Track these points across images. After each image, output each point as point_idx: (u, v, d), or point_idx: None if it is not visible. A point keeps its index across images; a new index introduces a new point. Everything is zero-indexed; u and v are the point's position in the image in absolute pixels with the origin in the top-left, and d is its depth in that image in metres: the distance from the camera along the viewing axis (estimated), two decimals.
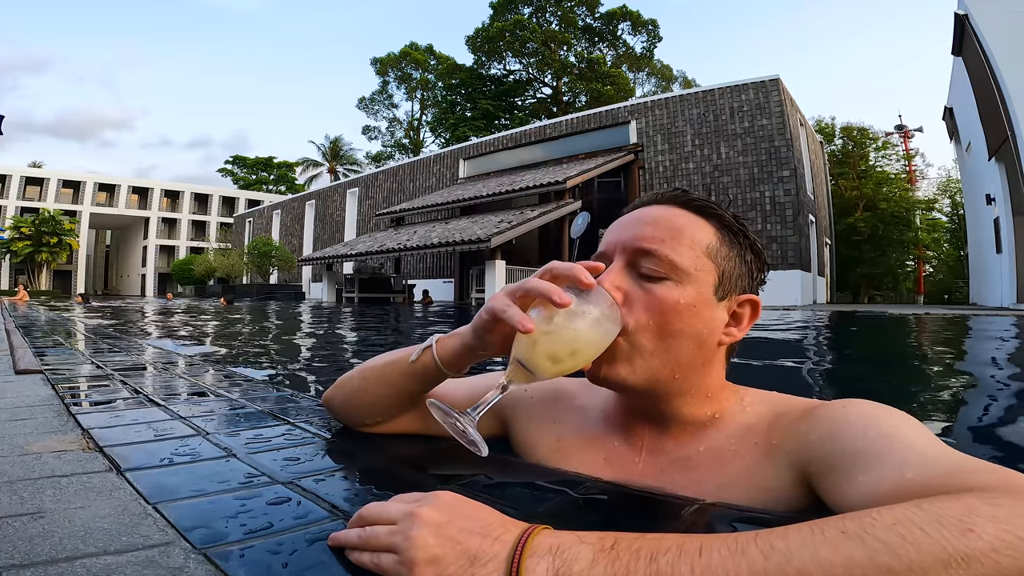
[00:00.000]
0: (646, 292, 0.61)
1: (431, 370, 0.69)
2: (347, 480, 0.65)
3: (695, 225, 0.64)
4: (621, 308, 0.60)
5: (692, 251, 0.62)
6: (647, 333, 0.61)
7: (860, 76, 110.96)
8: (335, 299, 17.95)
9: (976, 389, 2.27)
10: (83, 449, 0.74)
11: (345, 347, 4.25)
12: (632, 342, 0.61)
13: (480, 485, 0.63)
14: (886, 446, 0.49)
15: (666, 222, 0.64)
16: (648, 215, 0.65)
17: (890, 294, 31.02)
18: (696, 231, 0.64)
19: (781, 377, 2.55)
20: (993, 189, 13.02)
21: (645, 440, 0.68)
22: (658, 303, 0.60)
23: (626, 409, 0.70)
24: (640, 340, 0.61)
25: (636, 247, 0.63)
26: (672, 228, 0.63)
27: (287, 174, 51.00)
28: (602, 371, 0.62)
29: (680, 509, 0.55)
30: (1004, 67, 10.05)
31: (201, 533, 0.48)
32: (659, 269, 0.61)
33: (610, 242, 0.66)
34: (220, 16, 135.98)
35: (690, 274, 0.62)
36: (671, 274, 0.61)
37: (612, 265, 0.64)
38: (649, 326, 0.61)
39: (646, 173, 16.18)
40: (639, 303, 0.61)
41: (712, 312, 0.63)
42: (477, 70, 34.99)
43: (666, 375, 0.62)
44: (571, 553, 0.39)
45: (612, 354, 0.60)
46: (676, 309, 0.61)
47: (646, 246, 0.62)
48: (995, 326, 5.68)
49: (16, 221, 35.36)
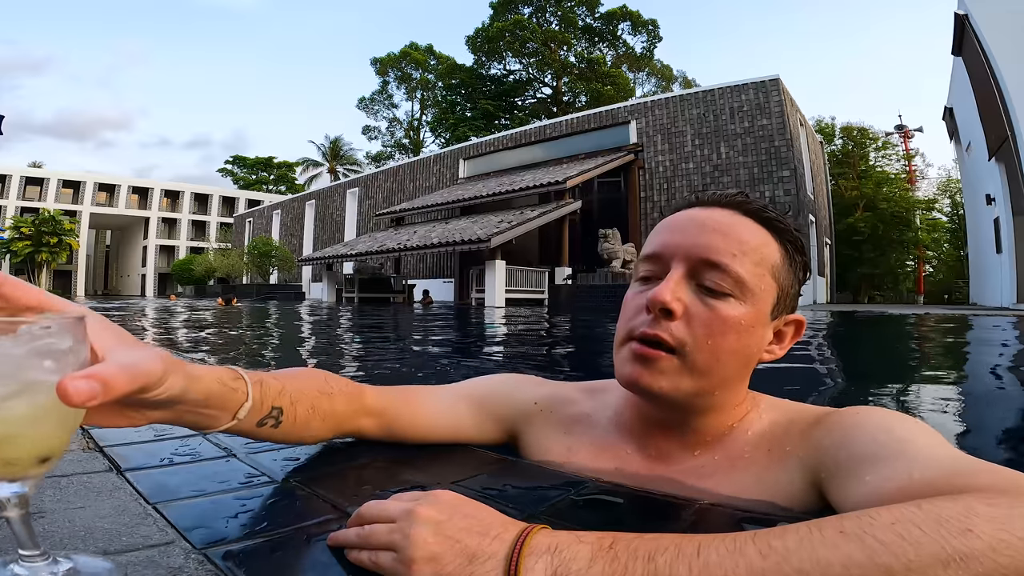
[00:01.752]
0: (708, 308, 0.58)
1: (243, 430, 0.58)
2: (347, 480, 0.65)
3: (763, 240, 0.61)
4: (678, 320, 0.57)
5: (759, 268, 0.59)
6: (703, 353, 0.58)
7: (860, 76, 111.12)
8: (335, 299, 17.95)
9: (982, 389, 2.27)
10: (83, 449, 0.74)
11: (344, 348, 4.25)
12: (685, 359, 0.58)
13: (480, 485, 0.63)
14: (897, 449, 0.49)
15: (736, 234, 0.59)
16: (713, 221, 0.60)
17: (890, 294, 31.03)
18: (764, 247, 0.60)
19: (784, 376, 2.55)
20: (993, 189, 13.02)
21: (660, 449, 0.66)
22: (721, 322, 0.57)
23: (643, 418, 0.67)
24: (695, 358, 0.58)
25: (703, 257, 0.58)
26: (742, 241, 0.59)
27: (287, 174, 51.01)
28: (643, 380, 0.59)
29: (681, 509, 0.55)
30: (1004, 67, 10.05)
31: (201, 533, 0.48)
32: (724, 285, 0.58)
33: (669, 244, 0.61)
34: (219, 16, 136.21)
35: (755, 293, 0.59)
36: (735, 291, 0.58)
37: (671, 273, 0.59)
38: (707, 346, 0.58)
39: (646, 173, 16.19)
40: (699, 320, 0.58)
41: (764, 331, 0.61)
42: (477, 70, 35.03)
43: (708, 391, 0.60)
44: (569, 552, 0.39)
45: (655, 364, 0.58)
46: (737, 329, 0.58)
47: (715, 258, 0.58)
48: (995, 331, 5.68)
49: (16, 221, 35.35)
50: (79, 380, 0.34)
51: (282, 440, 0.63)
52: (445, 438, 0.76)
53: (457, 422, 0.76)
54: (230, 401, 0.53)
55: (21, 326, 0.35)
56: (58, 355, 0.36)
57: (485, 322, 7.12)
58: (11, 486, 0.36)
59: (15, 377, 0.35)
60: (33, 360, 0.36)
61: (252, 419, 0.56)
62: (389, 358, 3.45)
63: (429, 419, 0.75)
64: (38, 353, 0.36)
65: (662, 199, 15.82)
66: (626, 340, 0.61)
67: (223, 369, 0.54)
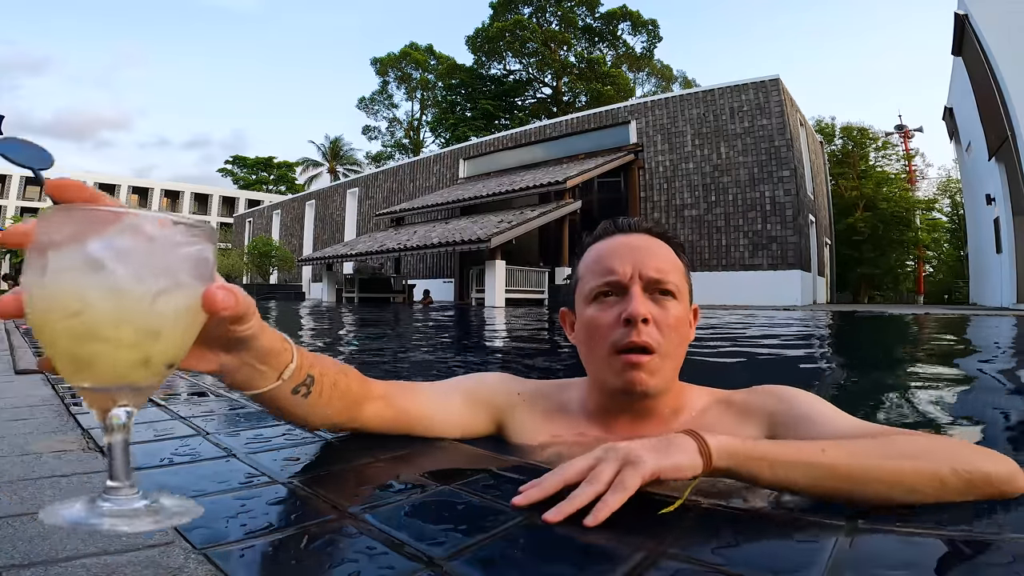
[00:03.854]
0: (664, 311, 0.75)
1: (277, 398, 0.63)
2: (347, 480, 0.65)
3: (674, 254, 0.81)
4: (650, 326, 0.74)
5: (680, 275, 0.79)
6: (670, 345, 0.75)
7: (860, 76, 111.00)
8: (335, 299, 17.94)
9: (978, 385, 2.28)
10: (83, 449, 0.74)
11: (341, 349, 4.25)
12: (661, 354, 0.74)
13: (480, 485, 0.63)
14: (820, 409, 0.74)
15: (663, 253, 0.79)
16: (646, 246, 0.79)
17: (890, 294, 31.03)
18: (677, 260, 0.81)
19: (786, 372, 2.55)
20: (993, 189, 13.02)
21: (627, 432, 0.79)
22: (674, 320, 0.76)
23: (606, 406, 0.81)
24: (666, 351, 0.74)
25: (653, 277, 0.76)
26: (668, 259, 0.79)
27: (287, 174, 50.97)
28: (642, 383, 0.73)
29: (686, 509, 0.55)
30: (1004, 67, 10.06)
31: (201, 533, 0.48)
32: (670, 293, 0.76)
33: (622, 269, 0.76)
34: (219, 16, 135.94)
35: (683, 293, 0.79)
36: (675, 294, 0.77)
37: (633, 291, 0.75)
38: (672, 339, 0.75)
39: (646, 173, 16.18)
40: (662, 321, 0.74)
41: (689, 318, 0.81)
42: (477, 70, 35.00)
43: (672, 375, 0.77)
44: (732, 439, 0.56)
45: (645, 366, 0.73)
46: (681, 321, 0.77)
47: (659, 276, 0.76)
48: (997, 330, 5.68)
49: (16, 221, 35.36)
50: (221, 290, 0.38)
51: (303, 416, 0.66)
52: (440, 426, 0.82)
53: (451, 412, 0.83)
54: (280, 360, 0.59)
55: (180, 224, 0.36)
56: (204, 264, 0.38)
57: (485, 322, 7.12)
58: (123, 409, 0.38)
59: (173, 276, 0.36)
60: (186, 264, 0.36)
61: (290, 384, 0.61)
62: (387, 359, 3.45)
63: (427, 407, 0.81)
64: (190, 258, 0.37)
65: (662, 199, 15.82)
66: (613, 353, 0.75)
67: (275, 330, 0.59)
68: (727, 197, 14.77)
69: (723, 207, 14.80)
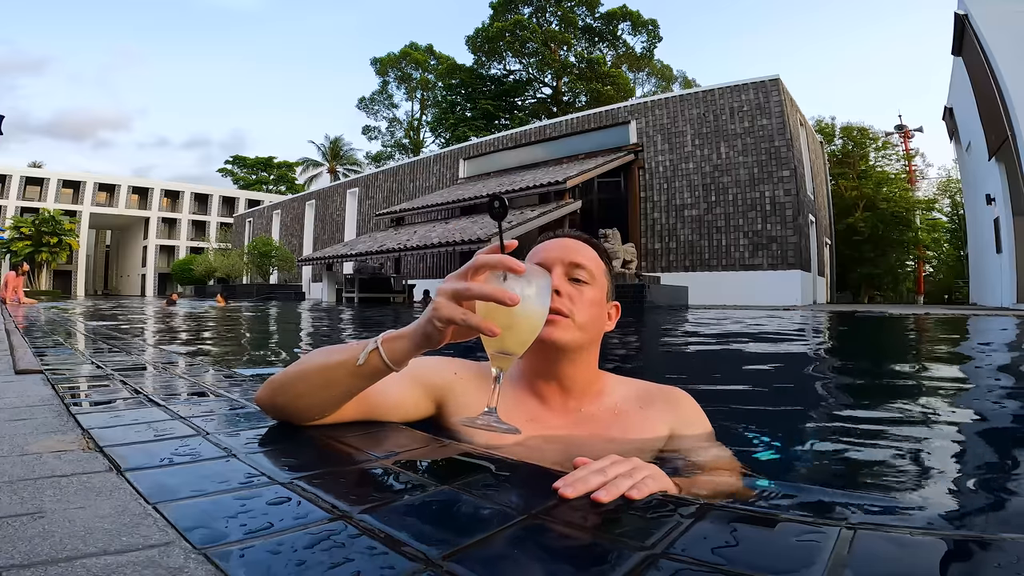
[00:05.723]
0: (579, 290, 0.94)
1: (379, 370, 0.76)
2: (347, 480, 0.65)
3: (597, 255, 1.00)
4: (563, 297, 0.91)
5: (599, 270, 0.98)
6: (582, 317, 0.92)
7: (860, 76, 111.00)
8: (335, 299, 17.94)
9: (977, 387, 2.27)
10: (83, 449, 0.74)
11: None
12: (574, 319, 0.91)
13: (481, 484, 0.63)
14: (706, 428, 1.02)
15: (586, 250, 0.98)
16: (572, 245, 0.98)
17: (890, 294, 31.01)
18: (599, 258, 1.00)
19: (786, 372, 2.55)
20: (993, 189, 13.02)
21: (556, 401, 0.96)
22: (587, 301, 0.94)
23: (534, 376, 0.97)
24: (578, 318, 0.92)
25: (572, 261, 0.95)
26: (591, 255, 0.98)
27: (287, 174, 50.98)
28: (553, 335, 0.88)
29: (679, 507, 0.55)
30: (1004, 67, 10.06)
31: (201, 533, 0.48)
32: (583, 276, 0.94)
33: (549, 259, 0.95)
34: (219, 16, 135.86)
35: (599, 282, 0.97)
36: (591, 281, 0.95)
37: (555, 272, 0.92)
38: (584, 314, 0.92)
39: (646, 173, 16.18)
40: (576, 299, 0.93)
41: (604, 308, 0.98)
42: (477, 70, 34.97)
43: (584, 344, 0.93)
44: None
45: (559, 324, 0.89)
46: (594, 303, 0.95)
47: (580, 261, 0.95)
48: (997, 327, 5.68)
49: (16, 221, 35.32)
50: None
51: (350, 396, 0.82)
52: (393, 412, 0.91)
53: (404, 397, 0.93)
54: None
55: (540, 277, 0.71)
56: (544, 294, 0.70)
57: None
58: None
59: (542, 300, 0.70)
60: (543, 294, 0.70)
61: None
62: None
63: (381, 393, 0.88)
64: (542, 289, 0.70)
65: (662, 199, 15.82)
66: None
67: None
68: (727, 197, 14.77)
69: (723, 207, 14.80)
